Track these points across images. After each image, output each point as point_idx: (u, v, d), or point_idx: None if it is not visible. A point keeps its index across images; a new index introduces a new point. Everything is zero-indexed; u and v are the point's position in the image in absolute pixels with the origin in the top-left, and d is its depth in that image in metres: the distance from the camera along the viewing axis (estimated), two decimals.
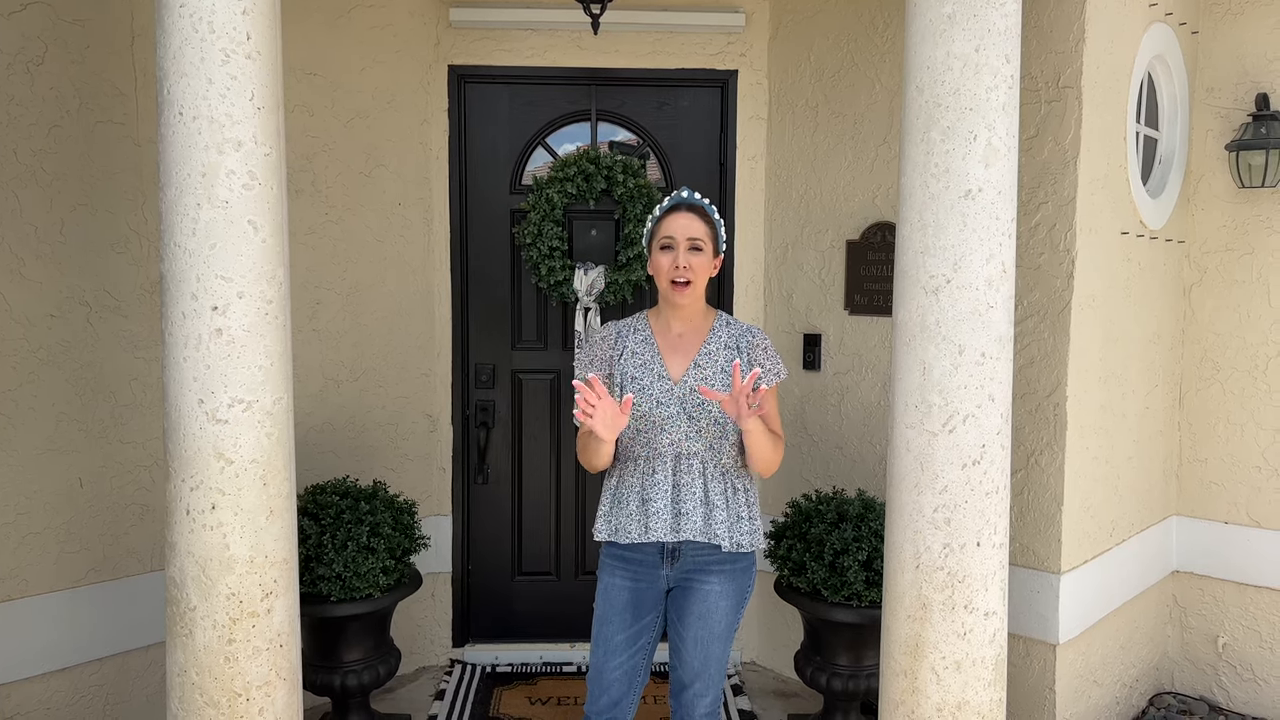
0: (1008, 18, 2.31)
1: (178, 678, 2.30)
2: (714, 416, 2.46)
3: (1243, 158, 3.50)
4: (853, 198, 3.68)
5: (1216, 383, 3.69)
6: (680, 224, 2.46)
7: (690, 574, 2.52)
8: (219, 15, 2.16)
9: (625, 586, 2.54)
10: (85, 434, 3.02)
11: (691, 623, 2.52)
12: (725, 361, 2.51)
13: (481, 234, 4.02)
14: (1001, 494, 2.40)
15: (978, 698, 2.40)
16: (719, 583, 2.51)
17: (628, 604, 2.55)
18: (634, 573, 2.54)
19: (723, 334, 2.54)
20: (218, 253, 2.19)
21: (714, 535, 2.47)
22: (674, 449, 2.47)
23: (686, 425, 2.47)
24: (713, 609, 2.51)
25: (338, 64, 3.65)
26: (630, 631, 2.55)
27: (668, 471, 2.48)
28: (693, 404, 2.47)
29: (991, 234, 2.32)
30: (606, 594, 2.57)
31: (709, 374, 2.49)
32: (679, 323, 2.54)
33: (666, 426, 2.47)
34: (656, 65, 3.92)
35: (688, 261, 2.44)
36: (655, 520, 2.47)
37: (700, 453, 2.48)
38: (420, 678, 3.97)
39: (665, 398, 2.48)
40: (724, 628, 2.54)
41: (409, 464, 3.93)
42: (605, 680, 2.56)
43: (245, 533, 2.25)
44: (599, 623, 2.58)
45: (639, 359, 2.53)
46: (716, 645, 2.53)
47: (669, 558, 2.51)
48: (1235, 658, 3.70)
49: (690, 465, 2.47)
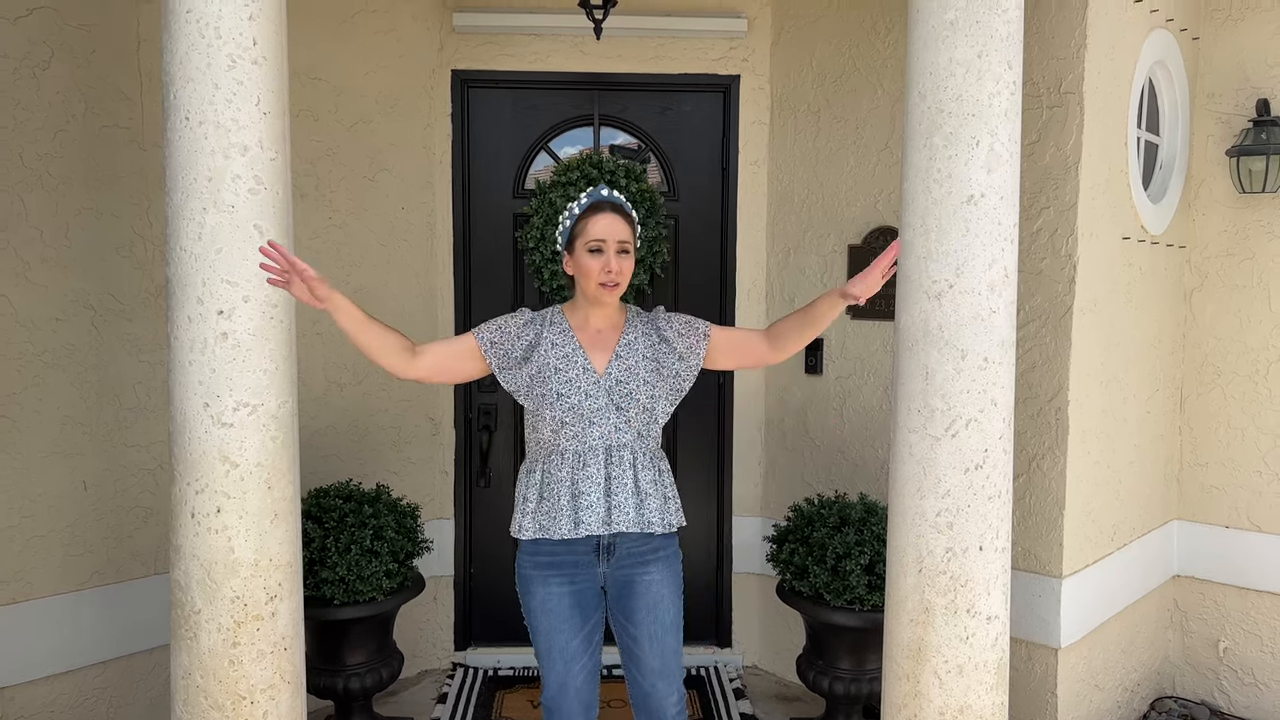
0: (1010, 24, 2.32)
1: (182, 680, 2.31)
2: (642, 404, 2.46)
3: (1243, 163, 3.51)
4: (855, 202, 3.69)
5: (1217, 387, 3.70)
6: (607, 226, 2.44)
7: (628, 569, 2.49)
8: (225, 21, 2.17)
9: (565, 592, 2.49)
10: (90, 437, 3.03)
11: (642, 619, 2.49)
12: (645, 348, 2.50)
13: (484, 238, 4.03)
14: (1004, 498, 2.41)
15: (980, 702, 2.41)
16: (657, 571, 2.50)
17: (573, 608, 2.50)
18: (569, 575, 2.49)
19: (637, 323, 2.55)
20: (223, 257, 2.20)
21: (648, 524, 2.45)
22: (604, 441, 2.45)
23: (615, 416, 2.45)
24: (658, 599, 2.49)
25: (342, 69, 3.66)
26: (583, 634, 2.52)
27: (600, 464, 2.45)
28: (620, 395, 2.46)
29: (994, 239, 2.33)
30: (546, 605, 2.48)
31: (631, 363, 2.48)
32: (600, 319, 2.53)
33: (596, 419, 2.45)
34: (659, 70, 3.93)
35: (619, 265, 2.43)
36: (588, 514, 2.42)
37: (630, 443, 2.46)
38: (423, 681, 3.97)
39: (593, 390, 2.46)
40: (673, 617, 2.52)
41: (411, 467, 3.94)
42: (572, 688, 2.51)
43: (250, 536, 2.26)
44: (549, 636, 2.49)
45: (560, 350, 2.49)
46: (670, 637, 2.51)
47: (604, 554, 2.48)
48: (1236, 662, 3.71)
49: (621, 456, 2.45)
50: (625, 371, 2.48)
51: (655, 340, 2.53)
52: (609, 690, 3.71)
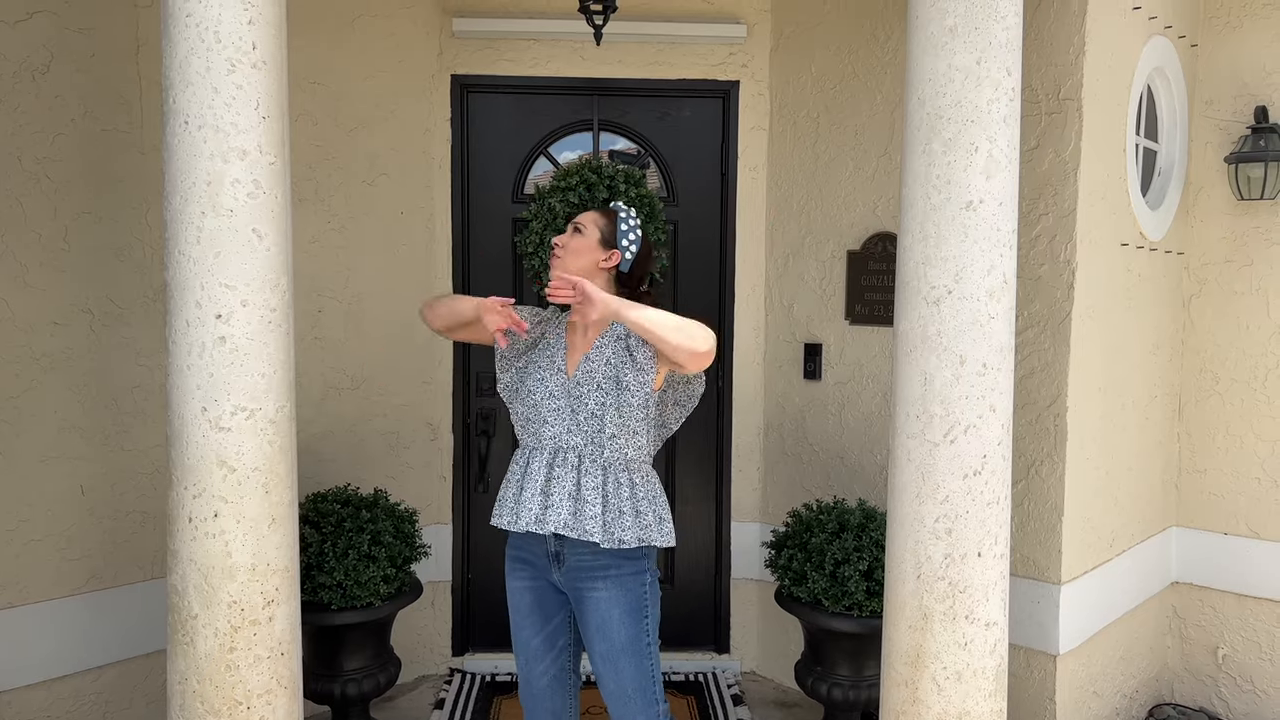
0: (1009, 30, 2.32)
1: (179, 685, 2.30)
2: (590, 410, 2.43)
3: (1242, 170, 3.52)
4: (854, 208, 3.70)
5: (1216, 394, 3.70)
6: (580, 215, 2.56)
7: (578, 583, 2.46)
8: (225, 25, 2.17)
9: (527, 587, 2.53)
10: (87, 441, 3.03)
11: (593, 638, 2.46)
12: (612, 354, 2.47)
13: (483, 242, 4.03)
14: (1002, 504, 2.41)
15: (979, 708, 2.40)
16: (605, 589, 2.43)
17: (534, 605, 2.53)
18: (531, 572, 2.52)
19: (618, 328, 2.51)
20: (222, 261, 2.20)
21: (584, 531, 2.38)
22: (554, 442, 2.46)
23: (569, 419, 2.45)
24: (606, 619, 2.43)
25: (341, 73, 3.66)
26: (544, 634, 2.52)
27: (543, 464, 2.45)
28: (574, 396, 2.45)
29: (993, 245, 2.33)
30: (512, 598, 2.56)
31: (594, 366, 2.46)
32: (580, 317, 2.53)
33: (550, 419, 2.46)
34: (658, 76, 3.94)
35: (565, 240, 2.51)
36: (523, 509, 2.43)
37: (578, 447, 2.44)
38: (420, 686, 3.96)
39: (557, 390, 2.47)
40: (626, 640, 2.42)
41: (410, 472, 3.94)
42: (535, 690, 2.54)
43: (247, 541, 2.25)
44: (514, 629, 2.56)
45: (548, 350, 2.54)
46: (625, 661, 2.42)
47: (554, 560, 2.47)
48: (1235, 669, 3.70)
49: (566, 459, 2.44)
50: (585, 375, 2.46)
51: (623, 350, 2.48)
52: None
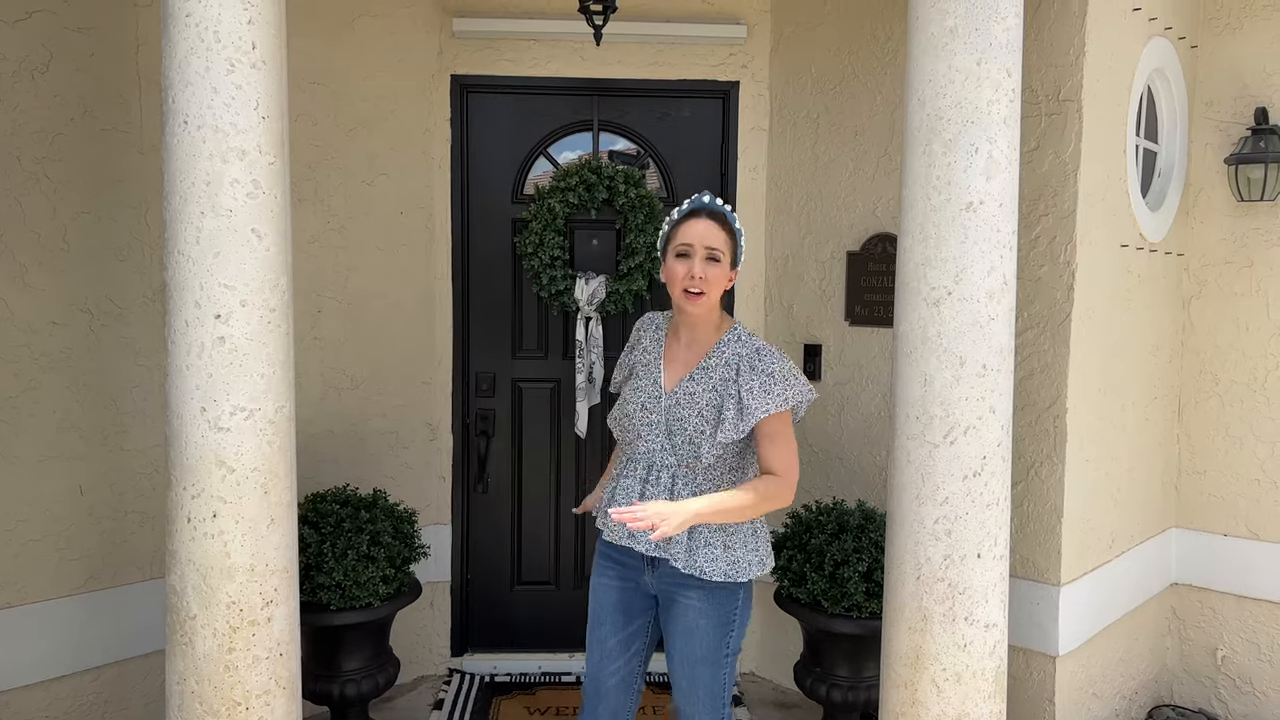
0: (1009, 31, 2.32)
1: (177, 686, 2.30)
2: (689, 435, 2.35)
3: (1242, 171, 3.51)
4: (853, 209, 3.70)
5: (1215, 395, 3.70)
6: (699, 231, 2.33)
7: (672, 587, 2.43)
8: (224, 25, 2.17)
9: (614, 586, 2.50)
10: (86, 441, 3.02)
11: (676, 638, 2.44)
12: (719, 380, 2.36)
13: (483, 243, 4.03)
14: (1002, 506, 2.41)
15: (978, 710, 2.40)
16: (699, 599, 2.38)
17: (617, 604, 2.49)
18: (620, 572, 2.49)
19: (727, 350, 2.39)
20: (221, 261, 2.20)
21: (670, 555, 2.35)
22: (648, 458, 2.41)
23: (663, 438, 2.39)
24: (693, 627, 2.40)
25: (341, 73, 3.66)
26: (623, 635, 2.48)
27: (637, 479, 2.41)
28: (674, 417, 2.38)
29: (993, 246, 2.33)
30: (595, 593, 2.52)
31: (698, 389, 2.37)
32: (687, 331, 2.45)
33: (645, 434, 2.41)
34: (658, 76, 3.94)
35: (703, 272, 2.32)
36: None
37: (672, 466, 2.39)
38: (419, 687, 3.96)
39: (653, 404, 2.41)
40: (707, 650, 2.40)
41: (409, 472, 3.93)
42: (603, 688, 2.50)
43: (246, 541, 2.25)
44: (592, 625, 2.52)
45: (647, 356, 2.49)
46: (702, 670, 2.40)
47: (649, 564, 2.45)
48: (1234, 670, 3.70)
49: (659, 478, 2.39)
50: (688, 397, 2.38)
51: (731, 376, 2.35)
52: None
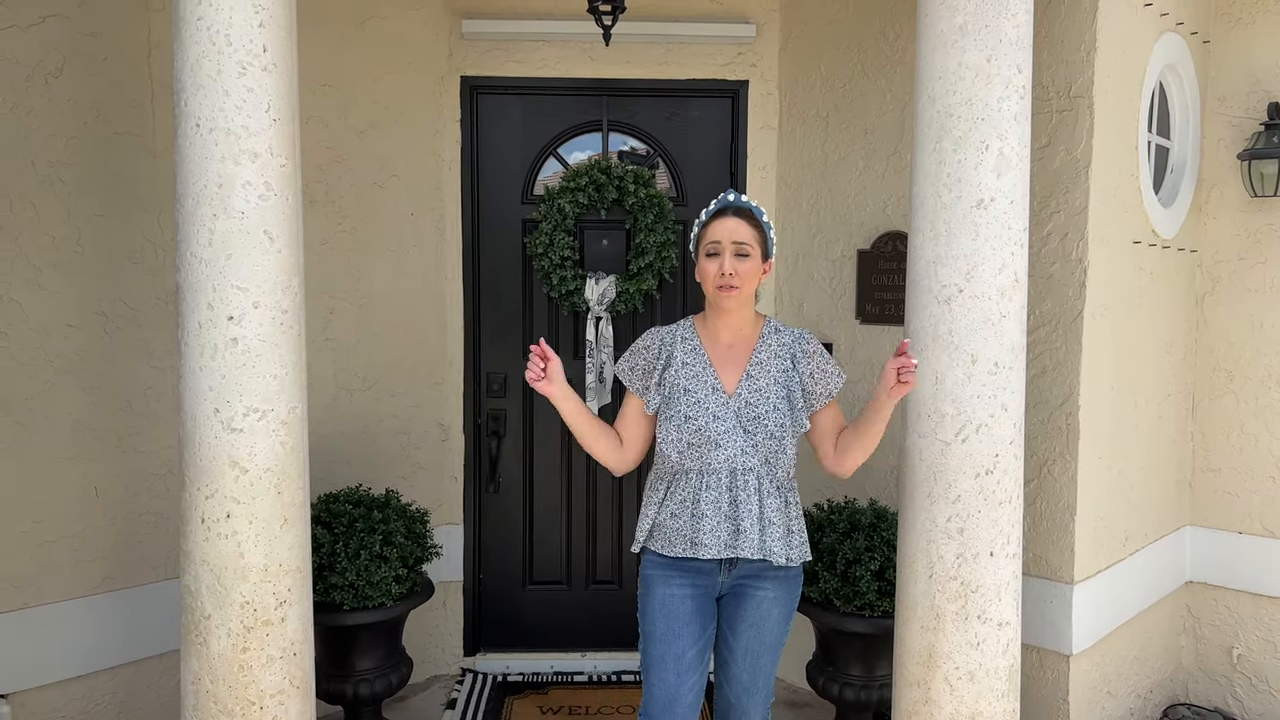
0: (1019, 28, 2.31)
1: (192, 685, 2.31)
2: (769, 430, 2.36)
3: (1255, 167, 3.49)
4: (863, 207, 3.69)
5: (1230, 392, 3.68)
6: (727, 228, 2.36)
7: (745, 580, 2.42)
8: (236, 28, 2.18)
9: (688, 595, 2.38)
10: (101, 442, 3.04)
11: (743, 630, 2.42)
12: (778, 370, 2.40)
13: (493, 244, 4.03)
14: (1014, 503, 2.40)
15: (991, 708, 2.39)
16: (772, 589, 2.41)
17: (694, 614, 2.39)
18: (692, 580, 2.40)
19: (772, 341, 2.43)
20: (234, 263, 2.21)
21: (770, 552, 2.36)
22: (729, 465, 2.36)
23: (743, 440, 2.36)
24: (765, 616, 2.41)
25: (351, 75, 3.67)
26: (700, 645, 2.40)
27: (723, 488, 2.37)
28: (748, 418, 2.37)
29: (1004, 243, 2.33)
30: (667, 606, 2.38)
31: (762, 384, 2.39)
32: (727, 331, 2.43)
33: (722, 442, 2.36)
34: (667, 76, 3.94)
35: (734, 267, 2.33)
36: (709, 537, 2.35)
37: (756, 468, 2.37)
38: (432, 686, 3.97)
39: (721, 411, 2.37)
40: (774, 639, 2.44)
41: (421, 472, 3.94)
42: (680, 706, 2.37)
43: (260, 541, 2.27)
44: (664, 641, 2.37)
45: (690, 370, 2.42)
46: (766, 658, 2.44)
47: (726, 565, 2.41)
48: (1250, 669, 3.68)
49: (746, 481, 2.36)
50: (756, 394, 2.38)
51: (788, 366, 2.41)
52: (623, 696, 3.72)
